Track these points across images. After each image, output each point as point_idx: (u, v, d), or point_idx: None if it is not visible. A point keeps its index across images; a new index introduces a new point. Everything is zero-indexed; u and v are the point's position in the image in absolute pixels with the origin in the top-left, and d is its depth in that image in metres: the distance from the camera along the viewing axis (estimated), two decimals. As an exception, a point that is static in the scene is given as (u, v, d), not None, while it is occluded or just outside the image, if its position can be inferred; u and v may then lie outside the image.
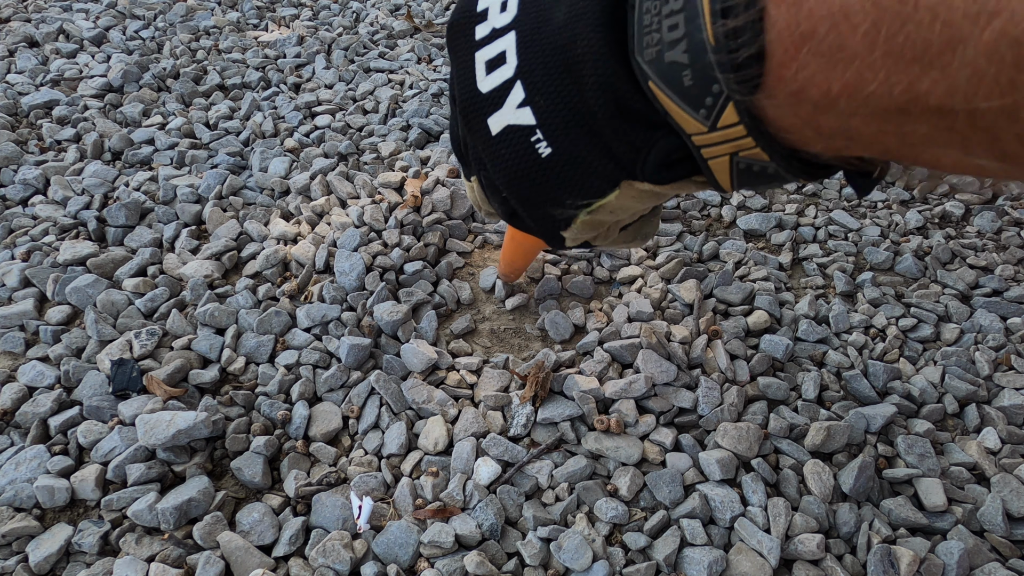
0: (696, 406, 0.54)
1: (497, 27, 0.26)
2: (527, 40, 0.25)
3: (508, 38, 0.26)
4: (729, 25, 0.20)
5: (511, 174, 0.28)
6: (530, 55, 0.25)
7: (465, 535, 0.46)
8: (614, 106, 0.24)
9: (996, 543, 0.47)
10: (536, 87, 0.25)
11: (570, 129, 0.25)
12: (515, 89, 0.26)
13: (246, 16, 1.18)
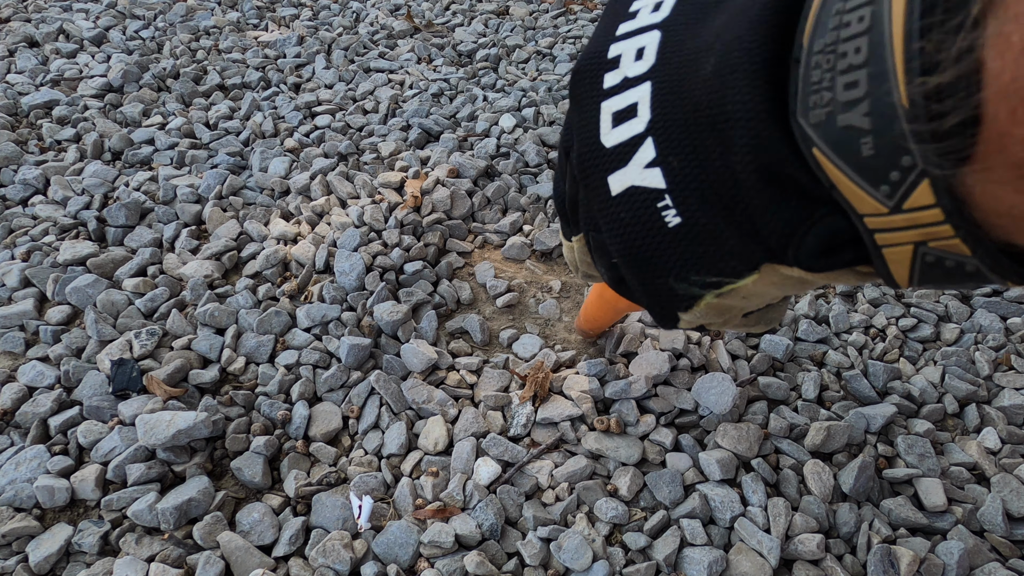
0: (697, 407, 0.54)
1: (630, 76, 0.23)
2: (665, 92, 0.22)
3: (642, 89, 0.23)
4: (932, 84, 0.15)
5: (629, 242, 0.24)
6: (667, 109, 0.22)
7: (465, 535, 0.46)
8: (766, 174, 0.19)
9: (996, 543, 0.47)
10: (670, 145, 0.22)
11: (707, 196, 0.21)
12: (644, 146, 0.22)
13: (246, 16, 1.18)
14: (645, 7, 0.24)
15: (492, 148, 0.83)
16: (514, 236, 0.72)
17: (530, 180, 0.80)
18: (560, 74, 1.04)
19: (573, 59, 1.07)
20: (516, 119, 0.89)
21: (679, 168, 0.21)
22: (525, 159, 0.82)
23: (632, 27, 0.24)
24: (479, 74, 1.03)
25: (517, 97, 0.95)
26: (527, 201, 0.75)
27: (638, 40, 0.23)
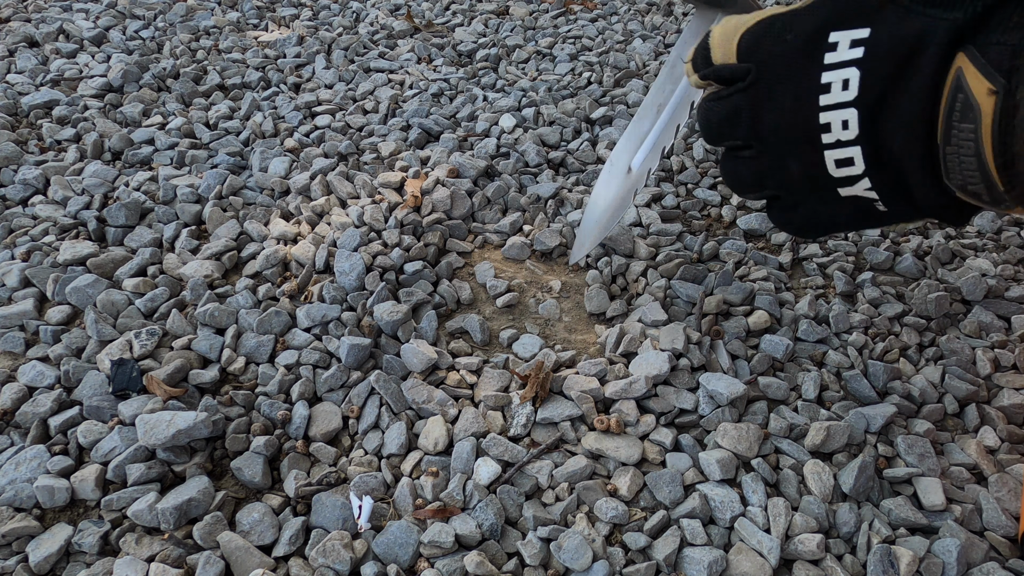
0: (697, 407, 0.54)
1: (844, 140, 0.37)
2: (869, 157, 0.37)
3: (854, 149, 0.37)
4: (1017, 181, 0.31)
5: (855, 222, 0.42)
6: (874, 164, 0.37)
7: (465, 535, 0.46)
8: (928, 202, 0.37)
9: (996, 543, 0.47)
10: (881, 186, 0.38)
11: (900, 202, 0.38)
12: (863, 181, 0.38)
13: (246, 16, 1.18)
14: (836, 83, 0.36)
15: (492, 148, 0.83)
16: (514, 236, 0.72)
17: (530, 180, 0.80)
18: (560, 74, 1.04)
19: (573, 59, 1.07)
20: (516, 119, 0.89)
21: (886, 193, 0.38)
22: (525, 159, 0.82)
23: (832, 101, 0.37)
24: (479, 74, 1.03)
25: (517, 97, 0.95)
26: (527, 201, 0.76)
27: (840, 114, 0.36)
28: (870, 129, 0.36)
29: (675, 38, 1.14)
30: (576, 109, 0.92)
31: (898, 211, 0.39)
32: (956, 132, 0.32)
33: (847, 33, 0.36)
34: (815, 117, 0.37)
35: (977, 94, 0.30)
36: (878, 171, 0.37)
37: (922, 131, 0.34)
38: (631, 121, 0.58)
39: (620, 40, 1.14)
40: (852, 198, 0.40)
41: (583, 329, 0.64)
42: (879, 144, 0.36)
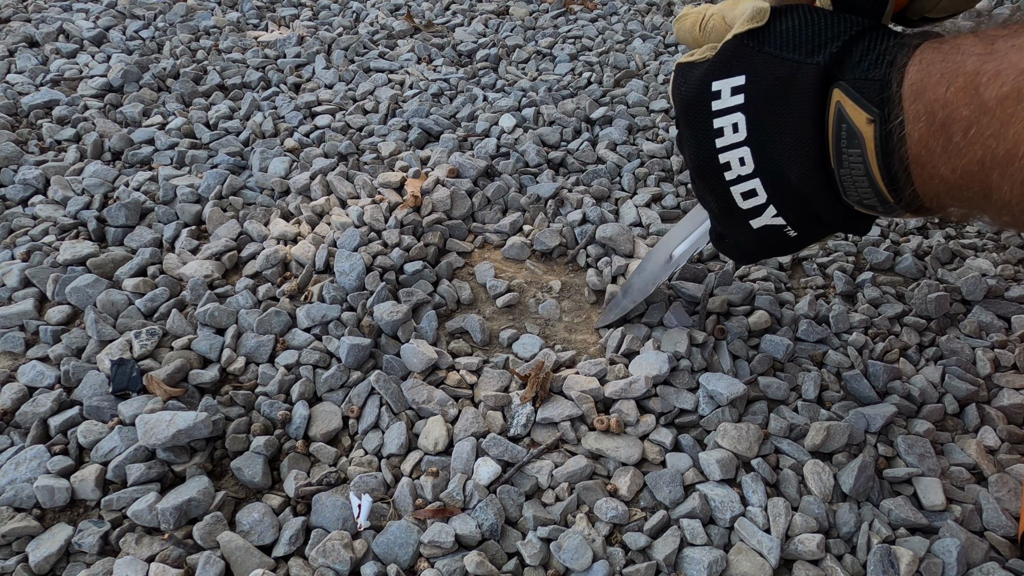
0: (697, 407, 0.54)
1: (745, 175, 0.41)
2: (770, 188, 0.41)
3: (754, 182, 0.41)
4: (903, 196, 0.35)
5: (765, 249, 0.46)
6: (776, 193, 0.41)
7: (465, 535, 0.46)
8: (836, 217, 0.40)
9: (996, 543, 0.47)
10: (786, 212, 0.42)
11: (810, 225, 0.42)
12: (770, 209, 0.42)
13: (246, 16, 1.18)
14: (727, 127, 0.41)
15: (492, 148, 0.83)
16: (514, 236, 0.72)
17: (530, 180, 0.80)
18: (560, 74, 1.04)
19: (573, 59, 1.07)
20: (516, 119, 0.89)
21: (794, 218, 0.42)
22: (525, 159, 0.82)
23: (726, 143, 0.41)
24: (479, 74, 1.03)
25: (517, 97, 0.95)
26: (527, 201, 0.76)
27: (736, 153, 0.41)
28: (766, 161, 0.40)
29: (675, 38, 1.14)
30: (576, 109, 0.92)
31: (807, 232, 0.43)
32: (846, 157, 0.36)
33: (726, 81, 0.40)
34: (715, 159, 0.42)
35: (858, 123, 0.35)
36: (781, 198, 0.41)
37: (815, 159, 0.38)
38: (686, 216, 0.61)
39: (620, 40, 1.14)
40: (764, 227, 0.44)
41: (583, 329, 0.64)
42: (777, 174, 0.40)
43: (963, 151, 0.30)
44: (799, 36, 0.38)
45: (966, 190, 0.31)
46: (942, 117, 0.30)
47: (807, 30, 0.38)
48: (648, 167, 0.81)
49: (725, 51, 0.41)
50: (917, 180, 0.34)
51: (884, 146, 0.34)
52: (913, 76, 0.32)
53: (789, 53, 0.37)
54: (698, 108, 0.42)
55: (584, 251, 0.71)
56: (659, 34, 1.17)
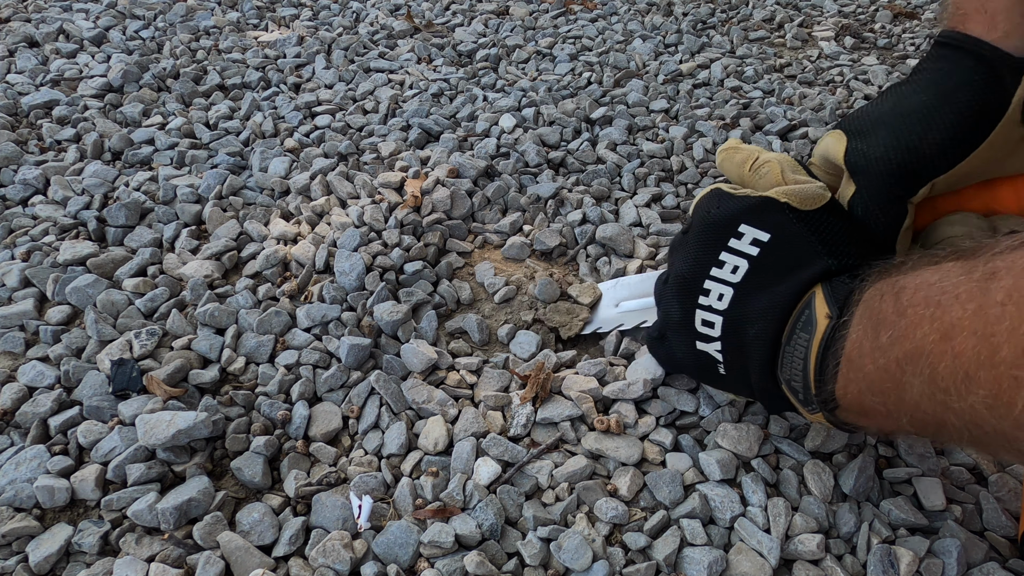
0: (698, 408, 0.54)
1: (715, 308, 0.45)
2: (727, 330, 0.45)
3: (719, 318, 0.45)
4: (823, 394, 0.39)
5: (696, 370, 0.51)
6: (727, 337, 0.45)
7: (465, 535, 0.46)
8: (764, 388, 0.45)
9: (996, 543, 0.47)
10: (727, 354, 0.46)
11: (739, 376, 0.47)
12: (717, 344, 0.46)
13: (246, 16, 1.18)
14: (729, 264, 0.44)
15: (492, 148, 0.83)
16: (514, 236, 0.72)
17: (530, 180, 0.80)
18: (560, 74, 1.04)
19: (573, 59, 1.07)
20: (516, 119, 0.89)
21: (730, 361, 0.46)
22: (525, 159, 0.82)
23: (719, 276, 0.45)
24: (479, 74, 1.03)
25: (517, 97, 0.95)
26: (527, 201, 0.76)
27: (721, 288, 0.45)
28: (737, 308, 0.44)
29: (675, 38, 1.15)
30: (576, 109, 0.92)
31: (734, 380, 0.47)
32: (796, 338, 0.41)
33: (753, 231, 0.44)
34: (702, 281, 0.45)
35: (818, 315, 0.40)
36: (730, 342, 0.45)
37: (773, 329, 0.42)
38: (640, 278, 0.64)
39: (620, 40, 1.14)
40: (704, 353, 0.47)
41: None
42: (739, 323, 0.44)
43: (885, 350, 0.33)
44: (835, 238, 0.42)
45: (883, 385, 0.34)
46: (874, 322, 0.35)
47: (844, 237, 0.43)
48: (648, 167, 0.81)
49: (767, 204, 0.44)
50: (841, 379, 0.38)
51: (828, 343, 0.38)
52: (867, 291, 0.37)
53: (818, 245, 0.42)
54: (718, 236, 0.45)
55: (584, 251, 0.71)
56: (659, 34, 1.17)
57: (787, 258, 0.43)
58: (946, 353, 0.29)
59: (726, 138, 0.87)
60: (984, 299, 0.28)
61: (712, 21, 1.23)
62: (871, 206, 0.45)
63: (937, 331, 0.30)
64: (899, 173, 0.44)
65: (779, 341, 0.42)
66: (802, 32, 1.20)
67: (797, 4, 1.33)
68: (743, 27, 1.21)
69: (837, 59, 1.12)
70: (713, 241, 0.45)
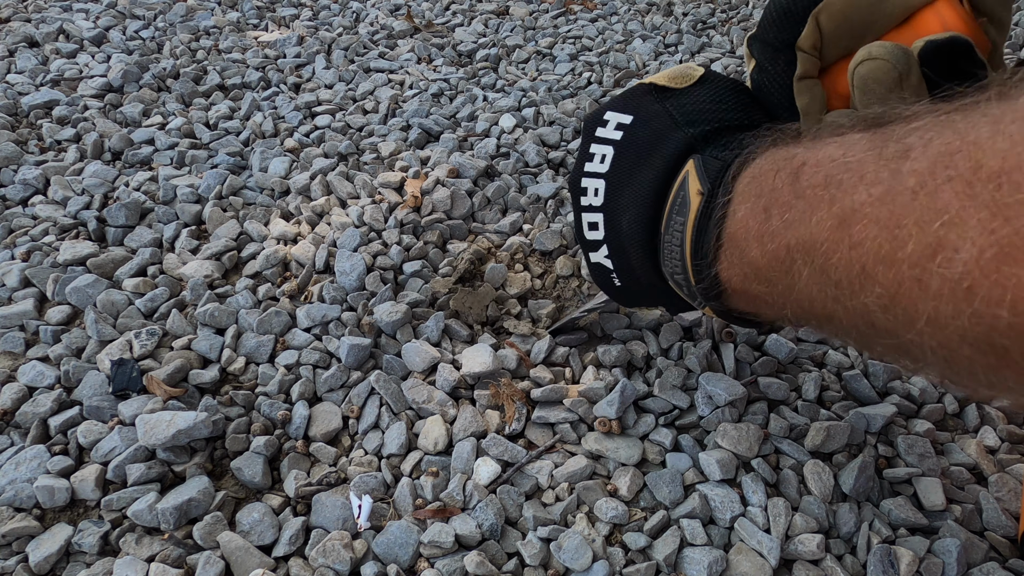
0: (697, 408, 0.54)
1: (593, 205, 0.43)
2: (608, 226, 0.43)
3: (599, 215, 0.43)
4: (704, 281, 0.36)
5: (601, 286, 0.47)
6: (608, 237, 0.43)
7: (465, 535, 0.46)
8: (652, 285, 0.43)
9: (996, 543, 0.47)
10: (613, 254, 0.44)
11: (631, 281, 0.45)
12: (604, 247, 0.44)
13: (246, 16, 1.18)
14: (597, 155, 0.42)
15: (492, 148, 0.83)
16: (514, 236, 0.72)
17: (530, 180, 0.80)
18: (560, 74, 1.04)
19: (573, 59, 1.07)
20: (516, 119, 0.89)
21: (618, 265, 0.44)
22: (525, 159, 0.82)
23: (591, 169, 0.43)
24: (479, 74, 1.03)
25: (517, 97, 0.95)
26: (527, 201, 0.75)
27: (594, 182, 0.43)
28: (611, 200, 0.42)
29: (675, 38, 1.15)
30: (576, 109, 0.92)
31: (629, 288, 0.45)
32: (672, 224, 0.38)
33: (617, 115, 0.42)
34: (580, 180, 0.44)
35: (691, 193, 0.37)
36: (611, 241, 0.43)
37: (646, 216, 0.39)
38: None
39: (620, 40, 1.14)
40: (597, 264, 0.45)
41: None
42: (615, 217, 0.42)
43: (776, 234, 0.30)
44: (694, 106, 0.40)
45: (771, 273, 0.31)
46: (766, 202, 0.31)
47: (704, 104, 0.39)
48: (648, 167, 0.81)
49: (632, 90, 0.43)
50: (724, 262, 0.34)
51: (701, 220, 0.35)
52: (757, 164, 0.33)
53: (676, 115, 0.40)
54: (588, 128, 0.44)
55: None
56: (659, 34, 1.17)
57: (647, 136, 0.40)
58: (842, 242, 0.25)
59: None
60: (892, 183, 0.23)
61: (712, 21, 1.23)
62: (761, 62, 0.41)
63: (835, 216, 0.26)
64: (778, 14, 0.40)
65: (657, 230, 0.39)
66: (802, 32, 1.20)
67: (797, 4, 1.32)
68: (743, 27, 1.21)
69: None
70: (586, 136, 0.44)
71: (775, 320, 0.37)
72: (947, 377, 0.25)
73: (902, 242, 0.22)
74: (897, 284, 0.23)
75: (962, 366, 0.22)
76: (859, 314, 0.25)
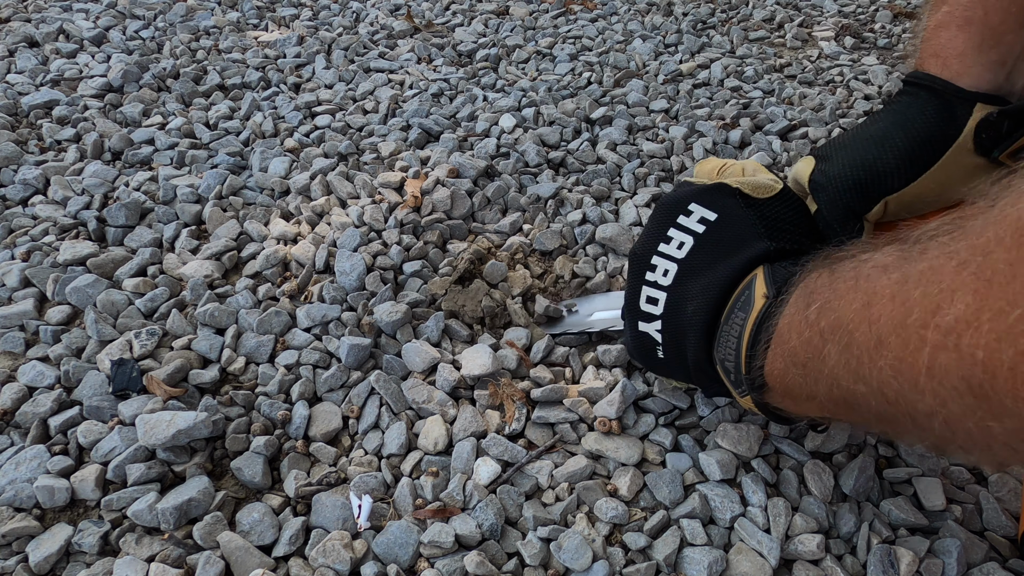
0: (697, 408, 0.54)
1: (660, 284, 0.46)
2: (668, 307, 0.46)
3: (662, 294, 0.46)
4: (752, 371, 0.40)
5: (638, 353, 0.51)
6: (668, 315, 0.46)
7: (465, 535, 0.46)
8: (699, 367, 0.45)
9: (996, 543, 0.47)
10: (667, 330, 0.47)
11: (677, 358, 0.47)
12: (657, 322, 0.47)
13: (246, 16, 1.18)
14: (675, 240, 0.46)
15: (492, 148, 0.83)
16: (514, 236, 0.72)
17: (530, 180, 0.80)
18: (560, 74, 1.04)
19: (573, 59, 1.07)
20: (516, 119, 0.89)
21: (668, 340, 0.47)
22: (525, 159, 0.82)
23: (665, 251, 0.46)
24: (479, 74, 1.03)
25: (517, 97, 0.95)
26: (527, 201, 0.75)
27: (666, 263, 0.46)
28: (679, 285, 0.45)
29: (675, 38, 1.15)
30: (576, 109, 0.92)
31: (672, 363, 0.48)
32: (733, 317, 0.42)
33: (702, 210, 0.46)
34: (651, 257, 0.47)
35: (757, 295, 0.41)
36: (669, 320, 0.46)
37: (712, 305, 0.43)
38: (608, 296, 0.65)
39: (620, 40, 1.14)
40: (645, 334, 0.48)
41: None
42: (680, 301, 0.45)
43: (811, 322, 0.34)
44: (774, 221, 0.44)
45: (805, 356, 0.34)
46: (807, 296, 0.36)
47: (783, 223, 0.45)
48: (648, 167, 0.81)
49: (719, 188, 0.46)
50: (770, 355, 0.38)
51: (762, 321, 0.39)
52: (808, 273, 0.38)
53: (759, 226, 0.44)
54: (669, 213, 0.47)
55: (584, 251, 0.71)
56: (659, 34, 1.17)
57: (731, 238, 0.44)
58: (864, 320, 0.29)
59: (726, 138, 0.87)
60: (907, 268, 0.28)
61: (712, 21, 1.23)
62: (829, 221, 0.48)
63: (860, 300, 0.30)
64: (854, 189, 0.47)
65: (717, 320, 0.43)
66: (802, 32, 1.20)
67: (797, 4, 1.33)
68: (743, 27, 1.21)
69: (837, 59, 1.12)
70: (664, 218, 0.47)
71: (806, 415, 0.40)
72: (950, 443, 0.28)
73: (910, 310, 0.26)
74: (905, 345, 0.26)
75: (959, 426, 0.25)
76: (875, 381, 0.28)
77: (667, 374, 0.51)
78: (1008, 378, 0.22)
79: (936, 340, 0.24)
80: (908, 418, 0.28)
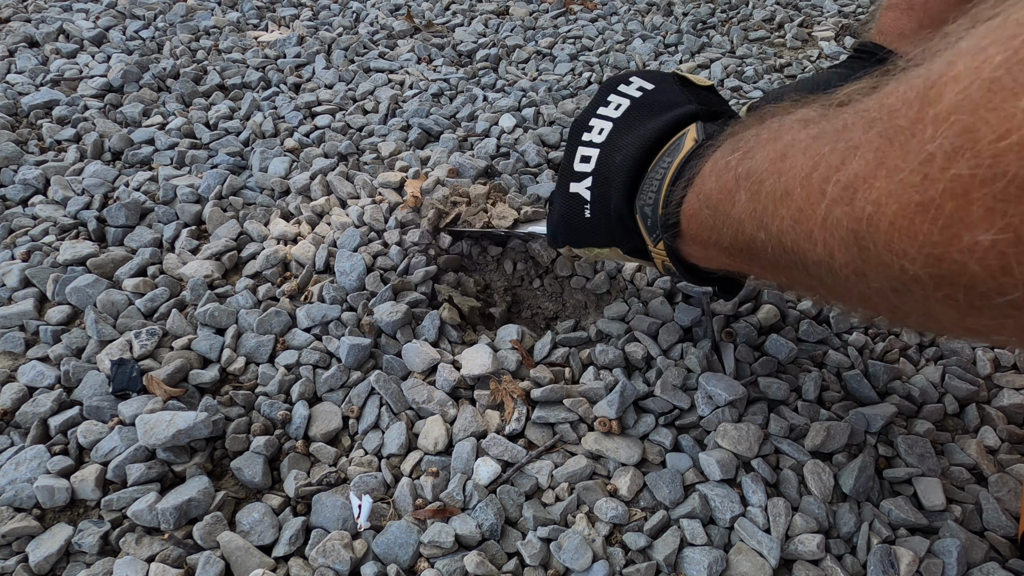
0: (697, 408, 0.54)
1: (594, 142, 0.49)
2: (600, 161, 0.48)
3: (595, 151, 0.49)
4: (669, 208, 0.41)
5: (566, 218, 0.51)
6: (598, 170, 0.48)
7: (465, 535, 0.46)
8: (620, 218, 0.46)
9: (996, 543, 0.47)
10: (596, 186, 0.48)
11: (601, 213, 0.48)
12: (588, 179, 0.49)
13: (246, 16, 1.18)
14: (613, 103, 0.49)
15: (492, 148, 0.83)
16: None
17: (530, 180, 0.79)
18: (560, 74, 1.04)
19: (573, 59, 1.07)
20: (516, 119, 0.89)
21: (594, 197, 0.48)
22: (525, 159, 0.82)
23: (604, 112, 0.49)
24: (479, 74, 1.03)
25: (517, 97, 0.95)
26: (527, 201, 0.75)
27: (602, 123, 0.49)
28: (613, 139, 0.48)
29: (675, 38, 1.15)
30: (576, 109, 0.92)
31: (595, 223, 0.49)
32: (661, 163, 0.44)
33: (642, 81, 0.50)
34: (590, 119, 0.50)
35: (687, 141, 0.43)
36: (599, 173, 0.48)
37: (641, 155, 0.45)
38: None
39: (620, 40, 1.14)
40: (575, 195, 0.49)
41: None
42: (610, 153, 0.48)
43: (729, 167, 0.35)
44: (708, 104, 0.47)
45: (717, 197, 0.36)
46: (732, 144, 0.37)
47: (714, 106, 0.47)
48: (648, 167, 0.81)
49: (659, 71, 0.51)
50: (689, 194, 0.39)
51: (688, 158, 0.41)
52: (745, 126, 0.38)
53: (691, 97, 0.47)
54: (611, 85, 0.50)
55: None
56: (659, 34, 1.17)
57: (665, 101, 0.47)
58: (776, 171, 0.30)
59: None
60: (824, 124, 0.28)
61: (712, 21, 1.23)
62: None
63: (776, 151, 0.31)
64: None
65: (644, 172, 0.45)
66: (802, 32, 1.20)
67: (797, 4, 1.33)
68: (743, 27, 1.21)
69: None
70: (606, 89, 0.51)
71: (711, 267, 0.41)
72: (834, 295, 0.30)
73: (816, 165, 0.27)
74: (807, 197, 0.27)
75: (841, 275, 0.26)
76: (775, 229, 0.29)
77: (591, 239, 0.51)
78: (888, 231, 0.23)
79: (835, 194, 0.25)
80: (801, 267, 0.29)
